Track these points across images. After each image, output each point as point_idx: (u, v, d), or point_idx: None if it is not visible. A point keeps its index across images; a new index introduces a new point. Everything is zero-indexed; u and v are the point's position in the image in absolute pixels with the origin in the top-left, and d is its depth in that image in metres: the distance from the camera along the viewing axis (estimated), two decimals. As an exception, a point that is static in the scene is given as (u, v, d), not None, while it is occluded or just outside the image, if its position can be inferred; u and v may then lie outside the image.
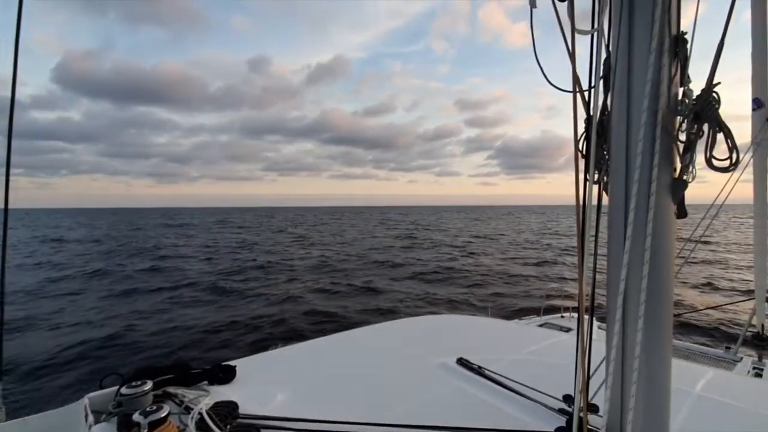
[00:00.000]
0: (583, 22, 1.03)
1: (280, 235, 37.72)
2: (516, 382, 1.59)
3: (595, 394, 1.29)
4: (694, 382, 1.73)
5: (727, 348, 3.84)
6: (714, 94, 0.87)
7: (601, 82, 1.02)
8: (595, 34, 1.00)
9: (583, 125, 1.07)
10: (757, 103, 2.92)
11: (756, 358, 3.49)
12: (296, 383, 1.70)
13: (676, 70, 0.90)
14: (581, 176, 1.03)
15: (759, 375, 3.18)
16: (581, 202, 1.03)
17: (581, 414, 1.00)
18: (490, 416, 1.40)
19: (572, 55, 0.98)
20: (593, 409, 1.29)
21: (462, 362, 1.82)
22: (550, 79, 1.07)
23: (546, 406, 1.42)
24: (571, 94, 1.02)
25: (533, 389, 1.52)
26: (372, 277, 14.66)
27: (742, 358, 3.50)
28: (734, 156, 0.87)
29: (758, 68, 2.88)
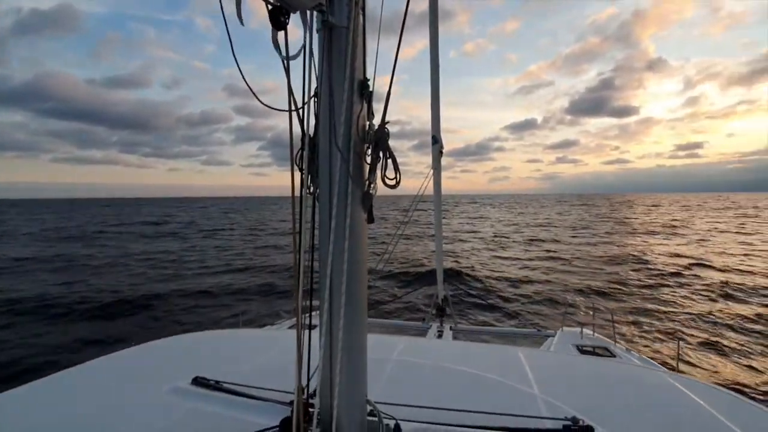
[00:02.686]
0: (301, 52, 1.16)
1: None
2: (255, 387, 1.62)
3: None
4: (393, 350, 2.25)
5: (423, 320, 5.18)
6: (386, 129, 1.15)
7: (314, 109, 1.18)
8: (306, 67, 1.14)
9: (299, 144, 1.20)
10: (434, 140, 4.10)
11: (439, 324, 4.86)
12: None
13: (362, 107, 1.14)
14: (299, 187, 1.17)
15: (440, 336, 4.45)
16: (297, 211, 1.16)
17: (306, 400, 1.12)
18: (225, 428, 1.37)
19: (288, 79, 1.09)
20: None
21: (198, 381, 1.72)
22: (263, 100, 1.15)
23: (281, 402, 1.52)
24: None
25: (271, 390, 1.60)
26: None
27: (431, 325, 4.80)
28: (398, 177, 1.18)
29: (434, 113, 4.05)
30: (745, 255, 18.66)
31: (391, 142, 1.18)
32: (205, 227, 36.39)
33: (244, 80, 1.03)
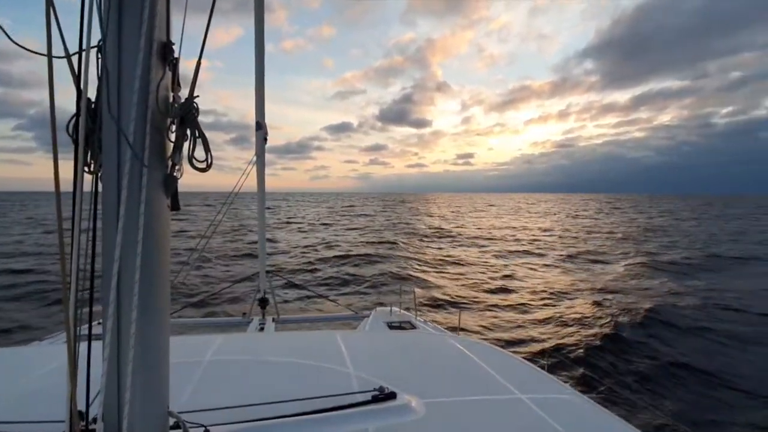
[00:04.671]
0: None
1: None
2: (7, 422, 1.21)
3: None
4: (206, 350, 2.05)
5: (244, 314, 4.91)
6: (195, 104, 1.02)
7: (96, 61, 0.95)
8: (85, 8, 0.90)
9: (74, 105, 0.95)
10: (258, 126, 3.89)
11: (261, 317, 4.70)
12: None
13: (164, 74, 0.98)
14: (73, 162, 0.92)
15: (263, 329, 4.30)
16: (77, 193, 0.92)
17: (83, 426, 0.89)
18: None
19: (48, 14, 0.84)
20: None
21: None
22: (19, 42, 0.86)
23: None
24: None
25: (35, 422, 1.22)
26: None
27: (253, 319, 4.60)
28: (209, 159, 1.07)
29: (258, 98, 3.84)
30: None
31: (206, 134, 1.06)
32: None
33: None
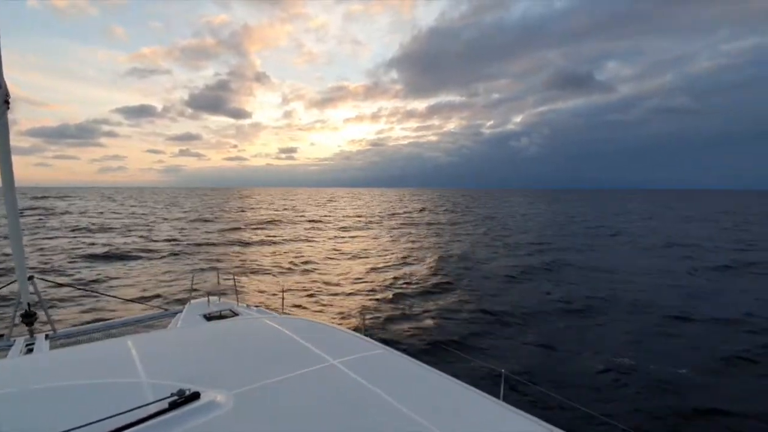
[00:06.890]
0: None
1: None
2: None
3: None
4: None
5: (1, 336, 3.63)
6: None
7: None
8: None
9: None
10: None
11: (28, 335, 3.54)
12: None
13: None
14: None
15: (31, 350, 3.26)
16: None
17: None
18: None
19: None
20: None
21: None
22: None
23: None
24: None
25: None
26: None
27: (15, 341, 3.47)
28: None
29: None
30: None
31: None
32: None
33: None
